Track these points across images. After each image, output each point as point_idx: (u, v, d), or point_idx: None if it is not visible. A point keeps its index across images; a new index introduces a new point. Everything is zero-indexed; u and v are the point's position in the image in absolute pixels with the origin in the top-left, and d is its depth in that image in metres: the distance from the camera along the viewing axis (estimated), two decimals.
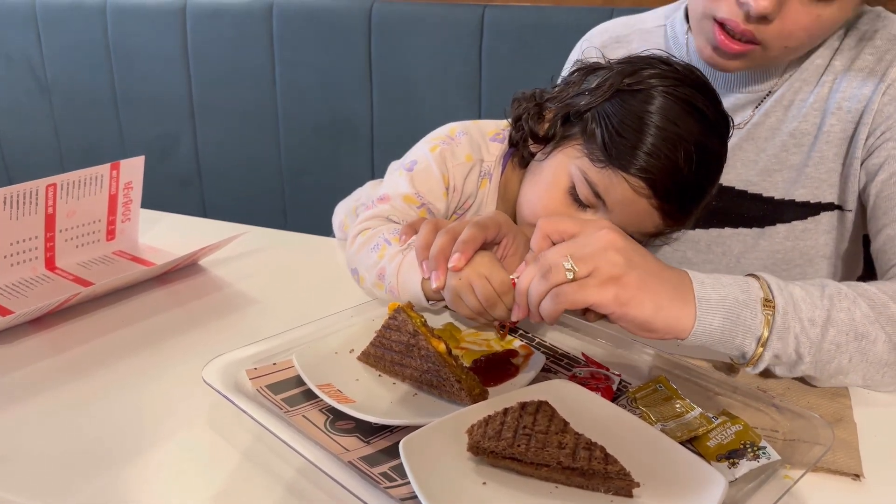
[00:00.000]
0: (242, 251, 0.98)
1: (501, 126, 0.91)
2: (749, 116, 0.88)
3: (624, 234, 0.60)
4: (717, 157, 0.77)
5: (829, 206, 0.87)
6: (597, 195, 0.75)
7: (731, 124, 0.77)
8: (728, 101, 0.87)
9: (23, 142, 1.98)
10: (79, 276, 0.92)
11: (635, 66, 0.76)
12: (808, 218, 0.87)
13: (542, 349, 0.70)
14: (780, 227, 0.89)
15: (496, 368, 0.65)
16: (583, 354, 0.70)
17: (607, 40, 0.99)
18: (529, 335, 0.74)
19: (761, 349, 0.60)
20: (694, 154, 0.72)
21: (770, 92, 0.87)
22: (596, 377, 0.65)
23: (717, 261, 0.93)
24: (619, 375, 0.66)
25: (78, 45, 1.81)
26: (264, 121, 1.61)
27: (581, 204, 0.77)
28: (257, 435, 0.59)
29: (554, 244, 0.61)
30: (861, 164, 0.83)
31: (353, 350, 0.68)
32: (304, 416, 0.61)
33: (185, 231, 1.09)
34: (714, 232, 0.92)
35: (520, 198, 0.84)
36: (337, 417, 0.60)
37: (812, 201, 0.87)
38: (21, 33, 1.86)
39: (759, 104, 0.88)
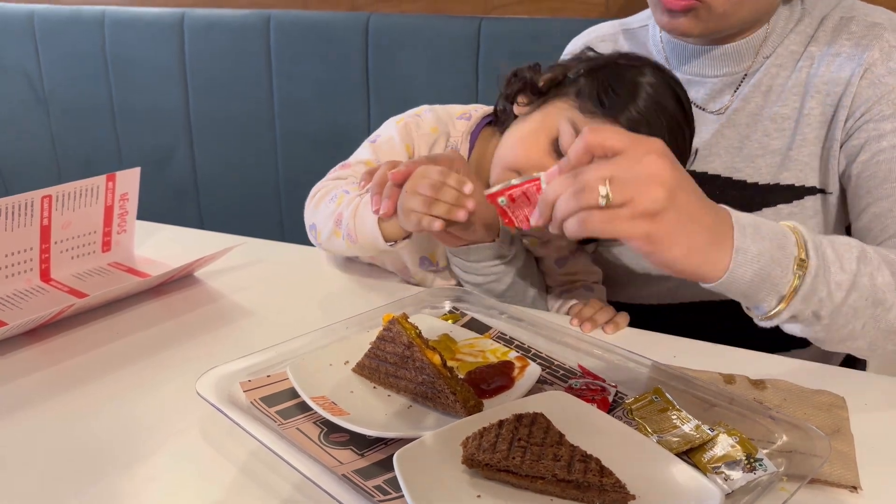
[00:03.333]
0: (238, 262, 0.98)
1: (469, 108, 0.94)
2: (728, 102, 0.90)
3: (673, 159, 0.55)
4: (685, 148, 0.82)
5: (813, 190, 0.87)
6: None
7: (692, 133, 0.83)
8: (706, 87, 0.91)
9: (20, 153, 1.98)
10: (74, 287, 0.91)
11: (626, 53, 0.84)
12: (794, 202, 0.88)
13: (538, 360, 0.70)
14: (767, 211, 0.89)
15: (491, 380, 0.65)
16: (579, 366, 0.69)
17: (594, 38, 1.03)
18: (525, 346, 0.73)
19: (783, 307, 0.59)
20: (674, 131, 0.78)
21: (746, 75, 0.89)
22: (592, 388, 0.65)
23: None
24: (615, 387, 0.66)
25: (75, 56, 1.81)
26: (261, 132, 1.61)
27: (560, 155, 0.77)
28: (251, 448, 0.59)
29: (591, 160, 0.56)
30: (840, 147, 0.84)
31: (347, 362, 0.68)
32: (298, 428, 0.60)
33: (182, 242, 1.09)
34: None
35: (497, 149, 0.85)
36: (331, 430, 0.60)
37: (796, 184, 0.88)
38: (19, 44, 1.86)
39: (737, 88, 0.90)
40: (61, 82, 1.86)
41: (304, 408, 0.62)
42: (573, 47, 1.06)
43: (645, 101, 0.77)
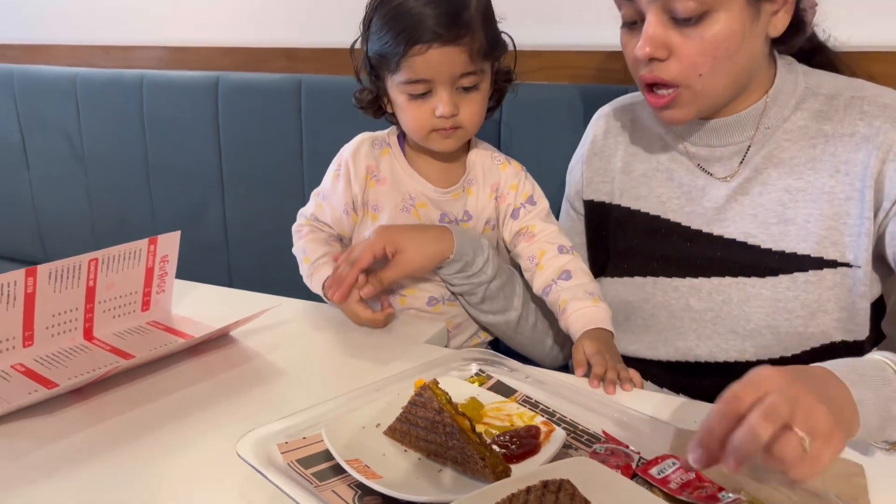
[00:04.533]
0: (271, 322, 1.01)
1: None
2: (736, 169, 0.94)
3: (787, 375, 0.57)
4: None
5: (833, 263, 0.89)
6: (423, 81, 0.94)
7: None
8: (715, 155, 0.96)
9: (57, 208, 2.05)
10: (115, 346, 0.95)
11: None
12: (811, 271, 0.90)
13: (563, 424, 0.72)
14: (783, 278, 0.91)
15: (518, 445, 0.67)
16: (603, 431, 0.72)
17: (617, 107, 1.09)
18: (550, 410, 0.76)
19: None
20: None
21: (751, 144, 0.93)
22: (615, 454, 0.67)
23: (718, 308, 0.95)
24: (637, 453, 0.68)
25: (114, 116, 1.89)
26: (291, 191, 1.66)
27: (423, 95, 0.96)
28: None
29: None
30: (877, 228, 0.87)
31: (379, 424, 0.71)
32: (333, 490, 0.63)
33: (216, 301, 1.13)
34: (715, 280, 0.95)
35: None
36: (365, 493, 0.62)
37: (813, 255, 0.90)
38: (61, 105, 1.95)
39: (744, 157, 0.94)
40: (99, 141, 1.93)
41: (338, 470, 0.65)
42: (599, 115, 1.12)
43: (404, 8, 0.93)
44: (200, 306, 1.09)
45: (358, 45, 1.04)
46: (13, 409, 0.78)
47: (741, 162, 0.94)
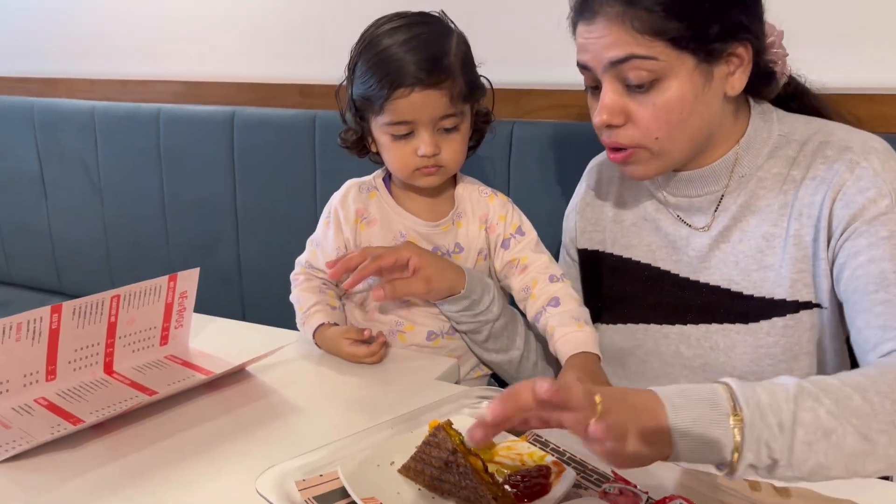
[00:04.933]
0: (286, 357, 1.04)
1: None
2: (711, 219, 0.97)
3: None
4: (432, 33, 0.99)
5: (808, 305, 0.91)
6: (406, 122, 0.99)
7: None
8: (693, 205, 0.98)
9: (74, 238, 2.09)
10: (135, 380, 0.98)
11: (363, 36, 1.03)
12: (788, 315, 0.92)
13: (573, 464, 0.74)
14: (764, 324, 0.93)
15: (529, 484, 0.69)
16: (612, 471, 0.73)
17: (607, 160, 1.07)
18: (560, 449, 0.78)
19: (735, 460, 0.63)
20: (412, 41, 0.97)
21: (724, 194, 0.95)
22: (624, 494, 0.69)
23: (706, 355, 0.97)
24: (646, 493, 0.69)
25: (131, 149, 1.93)
26: (304, 224, 1.68)
27: (406, 136, 1.00)
28: None
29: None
30: (831, 267, 0.89)
31: (393, 462, 0.73)
32: None
33: (232, 335, 1.16)
34: (703, 327, 0.97)
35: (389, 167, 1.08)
36: None
37: (789, 299, 0.92)
38: (80, 138, 1.99)
39: (717, 206, 0.96)
40: (116, 173, 1.98)
41: None
42: (591, 165, 1.15)
43: (391, 52, 0.97)
44: (217, 340, 1.12)
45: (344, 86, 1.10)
46: (37, 445, 0.80)
47: (715, 210, 0.96)
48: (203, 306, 1.19)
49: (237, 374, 0.99)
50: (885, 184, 0.85)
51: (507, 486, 0.69)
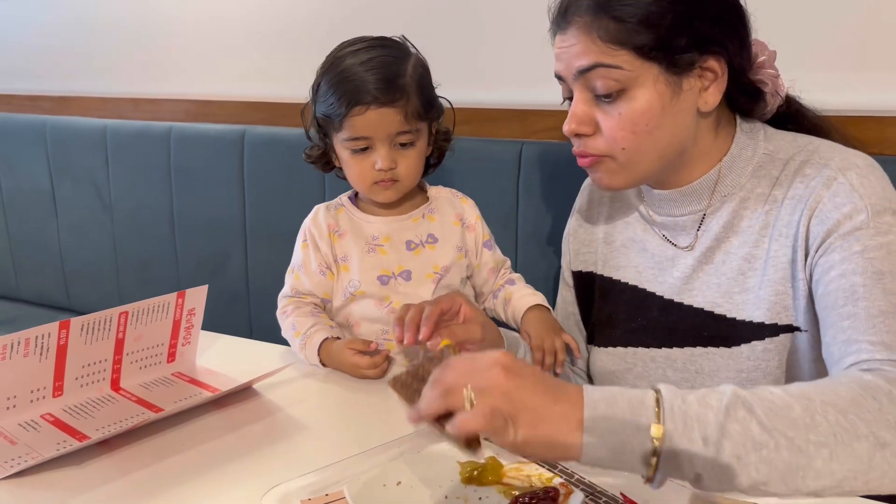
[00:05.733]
0: (292, 375, 1.04)
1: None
2: (694, 238, 0.96)
3: (509, 368, 0.63)
4: (390, 55, 1.06)
5: (788, 328, 0.89)
6: (364, 138, 1.04)
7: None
8: (677, 225, 0.97)
9: (83, 256, 2.10)
10: (141, 397, 0.98)
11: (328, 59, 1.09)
12: (767, 338, 0.90)
13: (581, 486, 0.73)
14: (744, 348, 0.91)
15: None
16: (621, 494, 0.73)
17: (594, 186, 1.10)
18: (568, 471, 0.77)
19: (653, 471, 0.61)
20: (371, 62, 1.03)
21: (705, 214, 0.94)
22: None
23: (692, 379, 0.96)
24: None
25: (141, 167, 1.94)
26: None
27: (364, 150, 1.06)
28: None
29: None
30: (809, 286, 0.87)
31: (400, 483, 0.72)
32: None
33: (238, 353, 1.15)
34: (688, 351, 0.96)
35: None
36: None
37: (768, 322, 0.90)
38: (91, 155, 2.01)
39: (700, 226, 0.95)
40: (126, 191, 1.99)
41: None
42: (584, 186, 1.16)
43: (348, 71, 1.04)
44: (224, 358, 1.12)
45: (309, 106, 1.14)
46: (42, 461, 0.80)
47: (698, 230, 0.95)
48: (211, 325, 1.19)
49: (243, 392, 0.99)
50: (861, 198, 0.83)
51: None
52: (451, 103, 1.15)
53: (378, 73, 1.03)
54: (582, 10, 0.86)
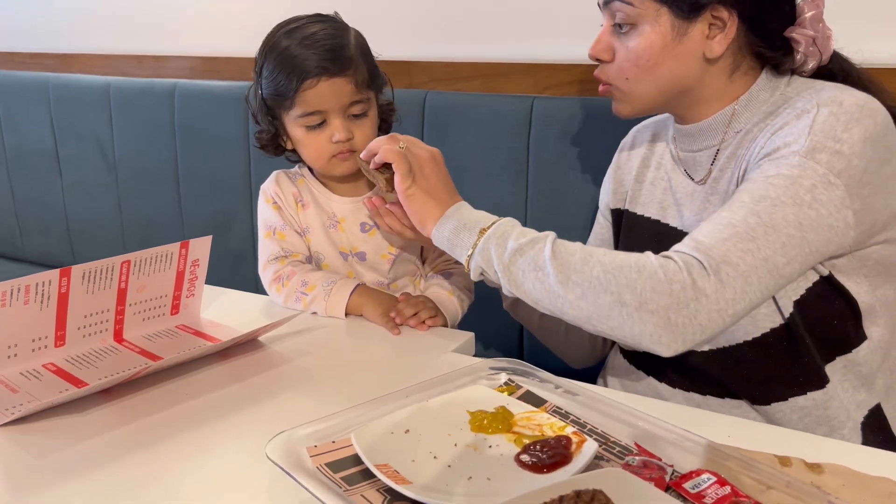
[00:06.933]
0: (299, 328, 1.02)
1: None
2: (707, 173, 0.97)
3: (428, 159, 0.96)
4: (329, 29, 1.07)
5: None
6: (318, 112, 1.05)
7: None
8: (695, 160, 0.99)
9: (87, 214, 2.08)
10: (144, 348, 0.96)
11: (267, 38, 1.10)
12: None
13: (594, 436, 0.71)
14: None
15: (549, 454, 0.66)
16: (636, 444, 0.71)
17: (645, 125, 1.14)
18: (581, 421, 0.75)
19: (468, 261, 0.87)
20: (311, 37, 1.04)
21: (719, 149, 0.96)
22: (648, 466, 0.66)
23: None
24: (671, 466, 0.66)
25: (146, 124, 1.92)
26: None
27: (319, 126, 1.06)
28: None
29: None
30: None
31: (408, 431, 0.71)
32: (362, 495, 0.62)
33: (244, 307, 1.14)
34: None
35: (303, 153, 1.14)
36: (394, 498, 0.62)
37: None
38: (95, 113, 1.98)
39: (714, 160, 0.96)
40: (131, 149, 1.96)
41: (367, 475, 0.64)
42: (631, 130, 1.15)
43: (293, 47, 1.05)
44: (228, 311, 1.10)
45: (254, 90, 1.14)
46: (43, 406, 0.79)
47: (712, 164, 0.97)
48: (217, 282, 1.17)
49: (249, 345, 0.97)
50: (809, 133, 0.82)
51: (525, 456, 0.66)
52: (388, 77, 1.16)
53: (323, 45, 1.04)
54: None
